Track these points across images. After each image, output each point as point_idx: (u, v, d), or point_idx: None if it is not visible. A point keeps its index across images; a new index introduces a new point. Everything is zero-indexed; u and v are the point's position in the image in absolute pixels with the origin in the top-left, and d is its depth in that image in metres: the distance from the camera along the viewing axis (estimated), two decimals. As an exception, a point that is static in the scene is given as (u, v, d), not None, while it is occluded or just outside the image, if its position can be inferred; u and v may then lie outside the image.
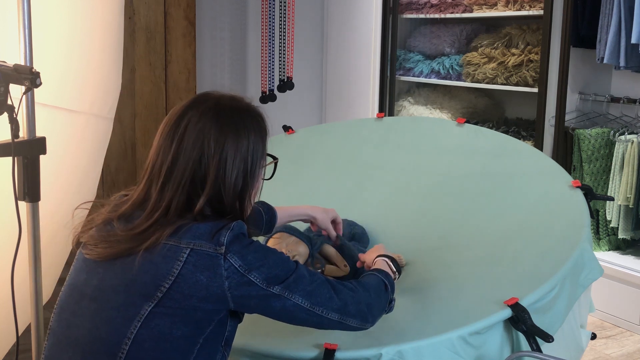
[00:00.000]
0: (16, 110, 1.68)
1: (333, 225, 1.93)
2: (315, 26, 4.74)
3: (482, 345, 1.50)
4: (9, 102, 1.66)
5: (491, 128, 3.79)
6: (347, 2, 4.56)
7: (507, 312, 1.51)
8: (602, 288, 3.17)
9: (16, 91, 1.70)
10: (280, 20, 4.10)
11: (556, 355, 1.48)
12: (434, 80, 4.22)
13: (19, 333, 1.93)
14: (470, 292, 1.69)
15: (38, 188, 1.83)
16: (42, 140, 1.83)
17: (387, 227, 2.12)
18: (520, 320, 1.49)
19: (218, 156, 1.30)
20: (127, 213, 1.32)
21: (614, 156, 3.28)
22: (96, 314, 1.27)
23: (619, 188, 3.24)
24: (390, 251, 1.74)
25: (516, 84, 3.70)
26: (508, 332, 1.53)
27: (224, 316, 1.29)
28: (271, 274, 1.27)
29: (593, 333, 1.92)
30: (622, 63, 3.17)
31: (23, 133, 1.81)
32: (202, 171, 1.30)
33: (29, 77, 1.67)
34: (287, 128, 2.66)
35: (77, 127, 2.32)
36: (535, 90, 3.54)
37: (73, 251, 1.42)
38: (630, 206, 3.22)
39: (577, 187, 1.99)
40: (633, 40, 3.06)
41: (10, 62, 1.69)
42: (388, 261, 1.64)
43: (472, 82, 3.97)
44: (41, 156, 1.83)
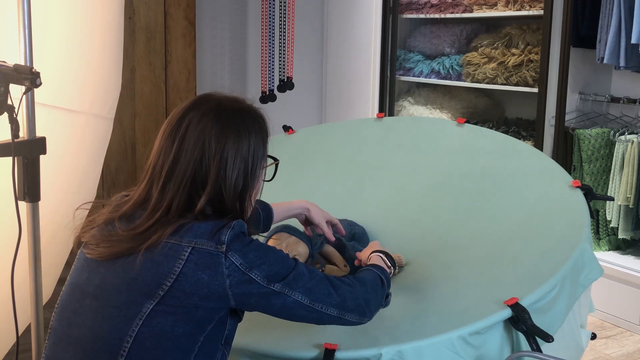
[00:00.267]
0: (16, 110, 1.68)
1: (331, 226, 1.91)
2: (315, 26, 4.74)
3: (482, 345, 1.50)
4: (9, 102, 1.66)
5: (491, 128, 3.79)
6: (347, 2, 4.56)
7: (507, 312, 1.51)
8: (602, 288, 3.17)
9: (16, 91, 1.70)
10: (280, 20, 4.10)
11: (556, 355, 1.48)
12: (434, 80, 4.22)
13: (19, 333, 1.94)
14: (470, 292, 1.69)
15: (38, 188, 1.83)
16: (42, 140, 1.83)
17: (387, 227, 2.12)
18: (520, 320, 1.49)
19: (219, 156, 1.30)
20: (129, 213, 1.33)
21: (614, 156, 3.28)
22: (98, 313, 1.27)
23: (619, 188, 3.24)
24: (389, 250, 1.74)
25: (516, 84, 3.70)
26: (508, 332, 1.53)
27: (224, 315, 1.29)
28: (271, 272, 1.28)
29: (593, 333, 1.92)
30: (622, 63, 3.17)
31: (23, 133, 1.81)
32: (203, 171, 1.31)
33: (29, 77, 1.67)
34: (287, 128, 2.66)
35: (77, 127, 2.32)
36: (535, 90, 3.54)
37: (73, 251, 1.42)
38: (630, 206, 3.22)
39: (577, 187, 1.99)
40: (633, 40, 3.06)
41: (10, 62, 1.69)
42: (383, 256, 1.66)
43: (472, 82, 3.97)
44: (41, 156, 1.83)
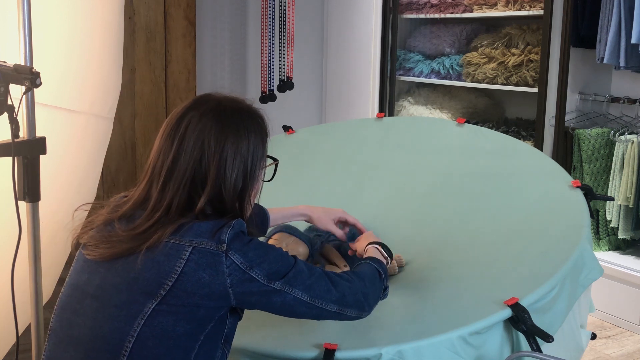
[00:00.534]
0: (16, 110, 1.68)
1: (344, 224, 1.90)
2: (315, 26, 4.73)
3: (482, 345, 1.50)
4: (9, 102, 1.66)
5: (491, 128, 3.78)
6: (347, 2, 4.56)
7: (507, 312, 1.51)
8: (602, 288, 3.16)
9: (16, 91, 1.70)
10: (280, 20, 4.10)
11: (556, 355, 1.48)
12: (434, 80, 4.22)
13: (19, 333, 1.94)
14: (470, 292, 1.69)
15: (38, 188, 1.83)
16: (42, 140, 1.83)
17: (387, 227, 2.12)
18: (520, 320, 1.49)
19: (218, 156, 1.31)
20: (128, 213, 1.33)
21: (614, 156, 3.28)
22: (98, 313, 1.27)
23: (619, 188, 3.24)
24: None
25: (516, 84, 3.70)
26: (508, 332, 1.53)
27: (225, 313, 1.30)
28: (272, 270, 1.29)
29: (593, 333, 1.92)
30: (622, 63, 3.17)
31: (23, 133, 1.81)
32: (203, 171, 1.31)
33: (29, 77, 1.67)
34: (287, 128, 2.66)
35: (77, 127, 2.32)
36: (535, 90, 3.54)
37: (72, 253, 1.42)
38: (630, 206, 3.22)
39: (577, 187, 1.98)
40: (633, 40, 3.06)
41: (10, 62, 1.69)
42: (379, 248, 1.65)
43: (472, 82, 3.97)
44: (41, 156, 1.83)
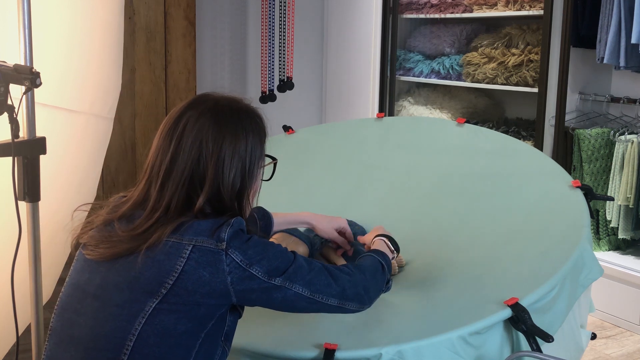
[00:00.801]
0: (16, 110, 1.68)
1: (342, 235, 1.90)
2: (315, 26, 4.73)
3: (482, 345, 1.50)
4: (9, 102, 1.66)
5: (491, 128, 3.78)
6: (347, 2, 4.56)
7: (507, 312, 1.51)
8: (602, 288, 3.16)
9: (16, 91, 1.70)
10: (280, 20, 4.10)
11: (556, 355, 1.48)
12: (434, 80, 4.22)
13: (19, 333, 1.94)
14: (470, 292, 1.69)
15: (38, 188, 1.83)
16: (42, 140, 1.83)
17: (387, 227, 2.10)
18: (520, 320, 1.49)
19: (216, 156, 1.31)
20: (128, 213, 1.33)
21: (614, 156, 3.28)
22: (99, 312, 1.28)
23: (619, 188, 3.24)
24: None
25: (516, 84, 3.70)
26: (508, 332, 1.53)
27: (225, 311, 1.30)
28: (272, 266, 1.29)
29: (593, 333, 1.92)
30: (622, 63, 3.17)
31: (23, 133, 1.81)
32: (201, 171, 1.31)
33: (29, 77, 1.67)
34: (287, 128, 2.66)
35: (77, 127, 2.32)
36: (535, 90, 3.54)
37: (71, 253, 1.42)
38: (630, 206, 3.22)
39: (577, 187, 1.98)
40: (633, 40, 3.06)
41: (10, 62, 1.69)
42: (386, 240, 1.65)
43: (472, 82, 3.97)
44: (41, 156, 1.83)
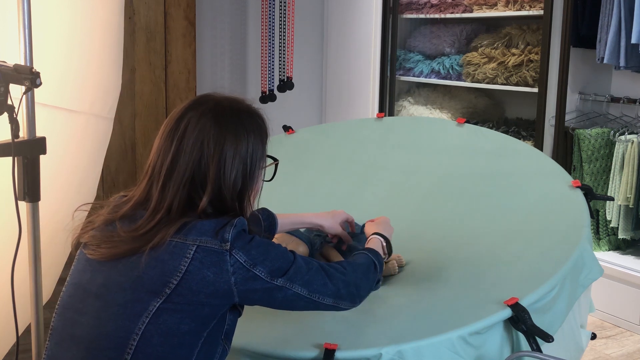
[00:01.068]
0: (16, 110, 1.68)
1: (345, 224, 1.93)
2: (315, 26, 4.73)
3: (482, 345, 1.50)
4: (9, 102, 1.66)
5: (491, 128, 3.78)
6: (347, 2, 4.56)
7: (507, 312, 1.51)
8: (602, 288, 3.16)
9: (16, 91, 1.70)
10: (280, 20, 4.10)
11: (556, 355, 1.48)
12: (434, 80, 4.22)
13: (19, 333, 1.93)
14: (470, 292, 1.69)
15: (38, 188, 1.83)
16: (42, 140, 1.83)
17: (387, 227, 2.12)
18: (520, 320, 1.49)
19: (217, 157, 1.31)
20: (129, 213, 1.33)
21: (614, 156, 3.28)
22: (102, 311, 1.28)
23: (619, 188, 3.24)
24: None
25: (516, 84, 3.70)
26: (508, 332, 1.53)
27: (226, 310, 1.31)
28: (274, 267, 1.30)
29: (593, 333, 1.92)
30: (622, 63, 3.17)
31: (23, 133, 1.81)
32: (202, 171, 1.31)
33: (29, 77, 1.67)
34: (287, 128, 2.66)
35: (77, 127, 2.32)
36: (535, 90, 3.54)
37: (71, 253, 1.42)
38: (630, 206, 3.22)
39: (577, 187, 1.99)
40: (633, 40, 3.06)
41: (10, 62, 1.69)
42: (382, 241, 1.66)
43: (472, 82, 3.97)
44: (41, 156, 1.83)
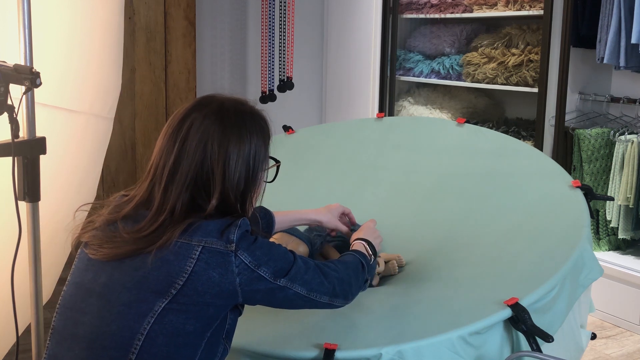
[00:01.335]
0: (16, 110, 1.68)
1: (344, 217, 1.96)
2: (315, 26, 4.73)
3: (482, 345, 1.50)
4: (9, 102, 1.66)
5: (491, 128, 3.78)
6: (347, 2, 4.56)
7: (507, 312, 1.51)
8: (602, 288, 3.16)
9: (16, 91, 1.70)
10: (280, 20, 4.10)
11: (556, 355, 1.48)
12: (434, 80, 4.22)
13: (19, 333, 1.93)
14: (470, 292, 1.69)
15: (38, 188, 1.83)
16: (42, 140, 1.83)
17: (387, 227, 2.12)
18: (520, 320, 1.49)
19: (222, 159, 1.31)
20: (131, 213, 1.33)
21: (614, 156, 3.28)
22: (104, 310, 1.28)
23: (619, 188, 3.24)
24: (389, 252, 1.74)
25: (516, 84, 3.70)
26: (508, 332, 1.53)
27: (228, 310, 1.31)
28: (277, 268, 1.31)
29: (593, 333, 1.92)
30: (622, 63, 3.17)
31: (23, 133, 1.81)
32: (205, 173, 1.31)
33: (29, 77, 1.67)
34: (287, 128, 2.66)
35: (77, 127, 2.32)
36: (535, 90, 3.54)
37: (72, 253, 1.42)
38: (630, 206, 3.22)
39: (577, 187, 1.99)
40: (633, 40, 3.06)
41: (10, 62, 1.69)
42: (365, 244, 1.69)
43: (472, 82, 3.97)
44: (41, 156, 1.83)
